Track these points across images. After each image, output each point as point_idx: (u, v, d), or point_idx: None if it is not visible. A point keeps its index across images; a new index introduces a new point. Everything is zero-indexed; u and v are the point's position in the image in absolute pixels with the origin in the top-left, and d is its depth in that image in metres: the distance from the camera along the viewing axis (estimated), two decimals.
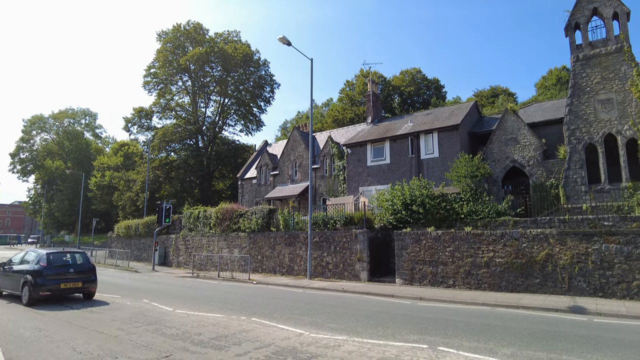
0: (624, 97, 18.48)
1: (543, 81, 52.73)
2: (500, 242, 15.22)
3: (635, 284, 12.87)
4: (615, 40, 19.07)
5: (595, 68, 19.40)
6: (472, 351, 6.89)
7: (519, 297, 13.69)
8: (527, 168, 21.24)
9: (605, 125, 18.84)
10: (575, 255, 13.91)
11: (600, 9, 19.61)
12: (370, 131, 29.42)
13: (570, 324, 9.76)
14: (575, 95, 19.70)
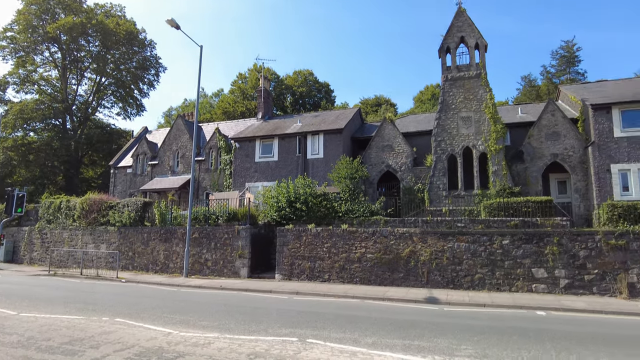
0: (480, 117, 21.48)
1: (420, 95, 58.39)
2: (372, 239, 16.47)
3: (478, 277, 15.04)
4: (476, 67, 22.06)
5: (460, 89, 22.16)
6: (338, 342, 7.34)
7: (386, 290, 14.97)
8: (399, 173, 23.35)
9: (465, 140, 21.65)
10: (433, 252, 15.72)
11: (466, 38, 22.48)
12: (260, 127, 29.34)
13: (425, 313, 10.99)
14: (443, 110, 22.25)
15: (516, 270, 14.71)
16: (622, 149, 19.37)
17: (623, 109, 19.66)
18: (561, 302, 12.60)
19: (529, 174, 21.09)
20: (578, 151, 20.72)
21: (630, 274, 13.66)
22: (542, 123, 21.33)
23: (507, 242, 14.94)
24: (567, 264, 14.25)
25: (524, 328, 8.89)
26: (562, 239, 14.45)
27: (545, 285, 14.33)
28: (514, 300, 13.00)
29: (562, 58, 46.53)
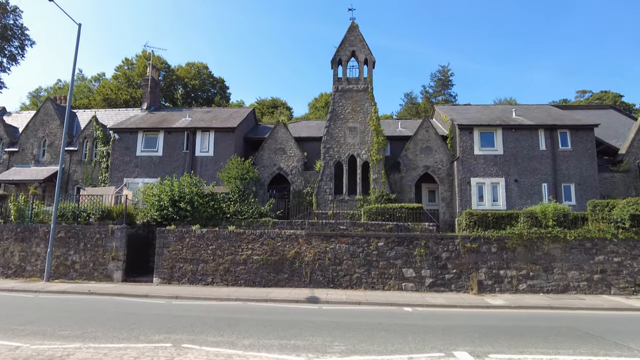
0: (365, 128, 23.02)
1: (315, 102, 60.16)
2: (259, 240, 16.53)
3: (356, 276, 16.06)
4: (364, 81, 23.61)
5: (349, 100, 23.47)
6: (215, 345, 7.24)
7: (270, 291, 15.13)
8: (290, 176, 23.83)
9: (351, 148, 22.98)
10: (317, 253, 16.36)
11: (357, 53, 23.93)
12: (144, 118, 27.37)
13: (305, 312, 11.39)
14: (332, 119, 23.32)
15: (389, 270, 16.07)
16: (479, 165, 22.47)
17: (482, 130, 22.85)
18: (425, 299, 14.13)
19: (404, 182, 23.21)
20: (446, 165, 23.44)
21: (479, 272, 15.90)
22: (418, 138, 23.70)
23: (382, 244, 16.26)
24: (432, 265, 16.02)
25: (391, 324, 9.77)
26: (429, 242, 16.22)
27: (413, 284, 15.91)
28: (386, 298, 14.17)
29: (438, 80, 52.27)
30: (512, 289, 15.71)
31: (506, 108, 27.86)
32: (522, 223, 16.63)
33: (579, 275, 15.78)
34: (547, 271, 15.86)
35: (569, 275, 15.79)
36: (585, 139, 22.90)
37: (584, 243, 16.05)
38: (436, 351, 7.03)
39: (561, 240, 16.05)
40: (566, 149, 22.70)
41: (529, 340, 8.07)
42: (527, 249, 16.01)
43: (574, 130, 22.99)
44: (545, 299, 14.38)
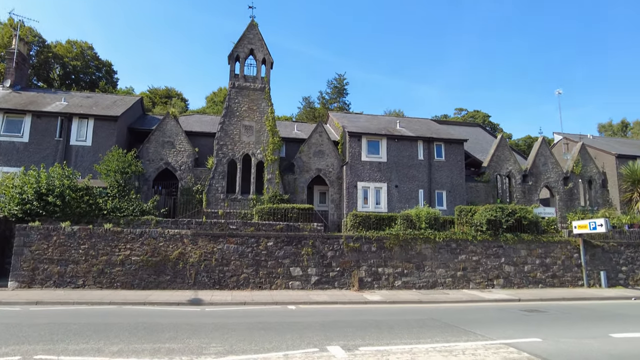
0: (261, 127, 22.97)
1: (213, 96, 58.13)
2: (139, 240, 15.45)
3: (243, 277, 15.92)
4: (262, 80, 23.55)
5: (246, 98, 23.20)
6: (77, 354, 6.58)
7: (149, 293, 14.22)
8: (179, 172, 22.70)
9: (245, 147, 22.72)
10: (203, 254, 15.85)
11: (255, 52, 23.78)
12: (6, 97, 23.73)
13: (185, 314, 10.94)
14: (227, 116, 22.81)
15: (277, 270, 16.25)
16: (365, 170, 23.94)
17: (369, 139, 24.39)
18: (310, 297, 14.58)
19: (297, 184, 23.69)
20: (336, 168, 24.49)
21: (360, 270, 16.92)
22: (312, 141, 24.39)
23: (272, 244, 16.39)
24: (318, 263, 16.61)
25: (273, 322, 9.89)
26: (316, 241, 16.79)
27: (300, 282, 16.31)
28: (272, 297, 14.30)
29: (334, 88, 54.42)
30: (389, 286, 17.03)
31: (392, 119, 30.14)
32: (399, 225, 18.13)
33: (445, 273, 17.72)
34: (419, 269, 17.52)
35: (437, 273, 17.64)
36: (457, 151, 25.85)
37: (450, 244, 18.09)
38: (311, 347, 7.31)
39: (432, 241, 17.87)
40: (440, 160, 25.36)
41: (397, 332, 8.83)
42: (403, 248, 17.51)
43: (447, 143, 25.78)
44: (417, 294, 15.86)
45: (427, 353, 6.99)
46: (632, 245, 20.15)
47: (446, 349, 7.29)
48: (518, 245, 18.64)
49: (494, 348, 7.41)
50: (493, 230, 18.54)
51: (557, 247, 19.06)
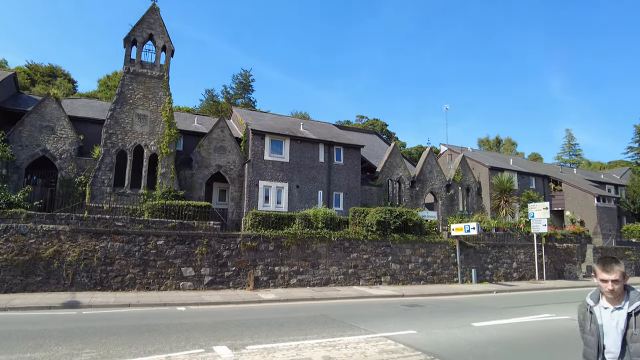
0: (156, 117, 21.63)
1: (107, 80, 53.13)
2: (3, 236, 13.53)
3: (129, 277, 14.84)
4: (160, 68, 22.20)
5: (141, 85, 21.65)
6: None
7: (14, 297, 12.52)
8: (59, 161, 20.35)
9: (138, 137, 21.19)
10: (83, 252, 14.42)
11: (155, 37, 22.34)
12: None
13: (58, 319, 9.84)
14: (119, 102, 21.06)
15: (167, 270, 15.45)
16: (268, 169, 23.95)
17: (273, 138, 24.45)
18: (202, 297, 14.11)
19: (195, 180, 22.78)
20: (238, 166, 24.10)
21: (257, 269, 16.87)
22: (213, 136, 23.66)
23: (162, 243, 15.54)
24: (212, 263, 16.16)
25: (159, 324, 9.38)
26: (211, 240, 16.32)
27: (192, 283, 15.70)
28: (160, 298, 13.54)
29: (240, 83, 53.45)
30: (284, 284, 17.25)
31: (296, 121, 30.61)
32: (298, 224, 18.48)
33: (338, 270, 18.49)
34: (314, 267, 18.03)
35: (331, 270, 18.33)
36: (354, 156, 27.17)
37: (344, 243, 18.93)
38: (197, 347, 7.11)
39: (327, 240, 18.52)
40: (339, 163, 26.43)
41: (286, 329, 8.99)
42: (300, 247, 17.88)
43: (346, 148, 26.96)
44: (310, 292, 16.30)
45: (312, 348, 7.24)
46: (497, 246, 23.14)
47: (330, 343, 7.64)
48: (404, 245, 20.21)
49: (374, 341, 7.96)
50: (382, 231, 19.83)
51: (438, 247, 21.09)
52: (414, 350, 7.34)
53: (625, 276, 3.09)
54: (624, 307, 3.06)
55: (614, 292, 3.06)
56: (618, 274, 3.04)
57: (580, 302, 3.39)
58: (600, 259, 3.20)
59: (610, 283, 3.04)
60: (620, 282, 3.05)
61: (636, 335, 2.96)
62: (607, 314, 3.13)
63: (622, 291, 3.09)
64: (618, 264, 3.07)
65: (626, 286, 3.13)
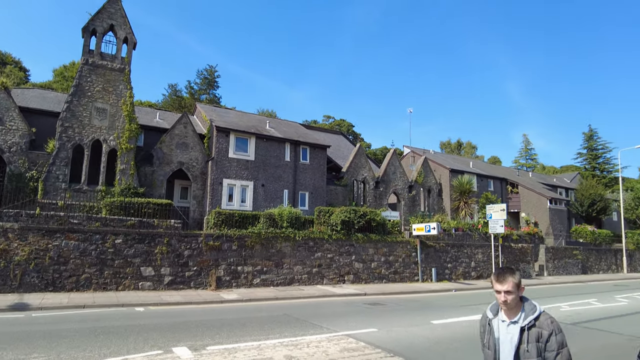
0: (116, 112, 20.83)
1: (64, 70, 50.60)
2: None
3: (84, 277, 14.24)
4: (122, 61, 21.39)
5: (101, 77, 20.77)
6: None
7: None
8: (8, 154, 19.22)
9: (96, 132, 20.34)
10: (34, 251, 13.71)
11: (117, 28, 21.49)
12: None
13: (4, 322, 9.31)
14: (77, 94, 20.12)
15: (126, 269, 14.94)
16: (232, 167, 23.60)
17: (238, 135, 24.11)
18: (161, 297, 13.74)
19: (156, 177, 22.13)
20: (201, 163, 23.61)
21: (219, 269, 16.61)
22: (175, 132, 23.05)
23: (121, 242, 15.01)
24: (173, 262, 15.77)
25: (116, 326, 9.06)
26: (172, 239, 15.92)
27: (152, 283, 15.26)
28: (118, 299, 13.08)
29: (204, 79, 52.40)
30: (248, 284, 17.08)
31: (262, 119, 30.35)
32: (262, 223, 18.35)
33: (302, 269, 18.51)
34: (278, 266, 17.95)
35: (295, 270, 18.32)
36: (320, 156, 27.25)
37: (309, 242, 18.96)
38: (156, 349, 6.93)
39: (292, 239, 18.49)
40: (305, 163, 26.43)
41: (248, 329, 8.91)
42: (264, 246, 17.75)
43: (313, 147, 27.00)
44: (274, 291, 16.22)
45: (274, 348, 7.22)
46: (456, 246, 23.88)
47: (293, 343, 7.64)
48: (367, 244, 20.49)
49: (336, 340, 8.03)
50: (346, 230, 20.02)
51: (400, 247, 21.52)
52: (375, 348, 7.46)
53: (519, 287, 2.92)
54: (518, 320, 2.89)
55: (507, 303, 2.89)
56: (510, 285, 2.87)
57: (488, 304, 3.43)
58: (497, 269, 3.07)
59: (503, 294, 2.88)
60: (514, 294, 2.88)
61: (528, 353, 2.78)
62: (503, 328, 2.96)
63: (517, 303, 2.92)
64: (512, 275, 2.90)
65: (522, 298, 2.97)
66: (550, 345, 2.76)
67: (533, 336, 2.80)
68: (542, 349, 2.77)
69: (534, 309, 2.89)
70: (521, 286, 2.93)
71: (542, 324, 2.83)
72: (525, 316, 2.87)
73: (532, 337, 2.80)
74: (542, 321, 2.84)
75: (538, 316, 2.86)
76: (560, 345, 2.76)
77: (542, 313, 2.88)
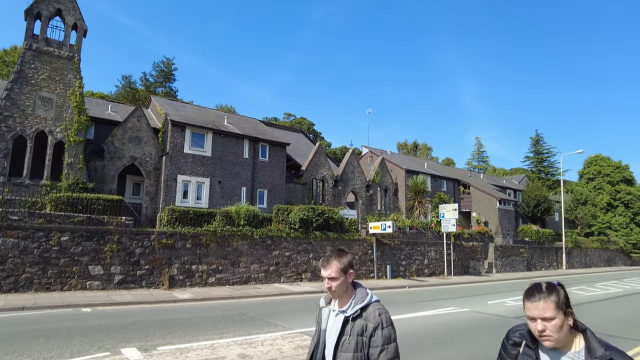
0: (64, 102, 19.70)
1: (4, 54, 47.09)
2: None
3: (25, 277, 13.37)
4: (70, 48, 20.24)
5: (46, 65, 19.57)
6: None
7: None
8: None
9: (41, 122, 19.15)
10: None
11: (65, 14, 20.31)
12: None
13: None
14: (18, 82, 18.84)
15: (72, 268, 14.18)
16: (188, 163, 22.99)
17: (194, 130, 23.51)
18: (111, 297, 13.17)
19: (107, 172, 21.15)
20: (154, 158, 22.81)
21: (172, 268, 16.14)
22: (128, 125, 22.13)
23: (67, 239, 14.23)
24: (124, 261, 15.15)
25: (59, 328, 8.59)
26: (123, 237, 15.29)
27: (100, 282, 14.59)
28: (62, 299, 12.41)
29: (161, 71, 50.65)
30: (202, 283, 16.71)
31: (220, 114, 29.76)
32: (218, 221, 18.00)
33: (259, 268, 18.35)
34: (234, 265, 17.69)
35: (252, 268, 18.13)
36: (280, 154, 27.12)
37: (266, 240, 18.82)
38: (103, 351, 6.63)
39: (249, 237, 18.28)
40: (264, 160, 26.21)
41: (201, 329, 8.72)
42: (220, 245, 17.43)
43: (272, 145, 26.82)
44: (229, 290, 15.97)
45: (228, 347, 7.11)
46: (410, 244, 24.55)
47: (247, 341, 7.56)
48: (325, 242, 20.62)
49: (291, 337, 8.03)
50: (305, 229, 20.06)
51: (356, 244, 21.83)
52: None
53: (348, 272, 2.49)
54: (347, 310, 2.46)
55: (333, 291, 2.48)
56: (335, 270, 2.46)
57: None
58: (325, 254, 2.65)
59: (327, 280, 2.47)
60: (339, 279, 2.45)
61: (348, 344, 2.40)
62: (332, 318, 2.58)
63: (346, 290, 2.50)
64: (339, 259, 2.49)
65: (355, 284, 2.58)
66: (375, 340, 2.37)
67: (357, 328, 2.41)
68: (365, 344, 2.39)
69: (364, 298, 2.47)
70: (350, 271, 2.50)
71: (368, 316, 2.42)
72: (354, 305, 2.46)
73: (356, 329, 2.41)
74: (370, 312, 2.43)
75: (366, 306, 2.45)
76: (386, 341, 2.36)
77: (372, 303, 2.47)
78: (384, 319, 2.41)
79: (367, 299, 2.47)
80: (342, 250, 2.57)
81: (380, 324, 2.38)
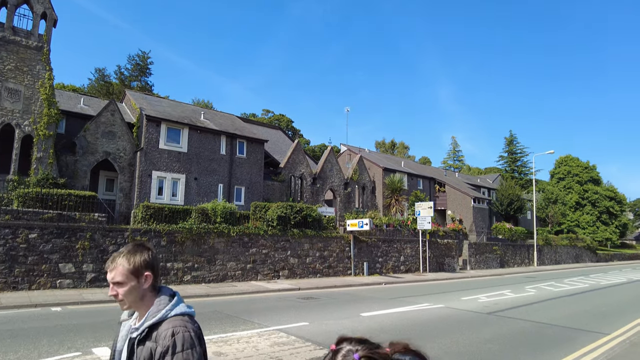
0: (33, 94, 19.03)
1: None
2: None
3: None
4: (39, 38, 19.54)
5: (13, 55, 18.83)
6: None
7: None
8: None
9: (7, 115, 18.44)
10: None
11: (33, 2, 19.57)
12: None
13: None
14: None
15: (41, 267, 13.75)
16: (163, 159, 22.57)
17: (169, 126, 23.08)
18: (83, 296, 12.84)
19: (79, 167, 20.55)
20: (129, 154, 22.30)
21: None
22: (101, 120, 21.54)
23: (36, 236, 13.78)
24: (97, 258, 14.78)
25: (26, 328, 8.32)
26: (96, 234, 14.92)
27: (72, 280, 14.20)
28: (30, 299, 12.02)
29: (136, 65, 49.48)
30: (177, 281, 16.46)
31: (197, 109, 29.33)
32: (194, 218, 17.76)
33: (236, 265, 18.21)
34: (210, 263, 17.50)
35: (228, 266, 17.97)
36: (258, 150, 26.94)
37: (243, 238, 18.69)
38: (73, 351, 6.47)
39: (226, 235, 18.11)
40: (242, 157, 25.99)
41: None
42: (196, 242, 17.21)
43: (250, 141, 26.61)
44: (206, 288, 15.80)
45: None
46: (387, 241, 24.82)
47: (222, 339, 7.51)
48: (303, 239, 20.63)
49: (267, 334, 8.02)
50: (283, 226, 20.01)
51: (334, 242, 21.93)
52: (305, 341, 7.56)
53: (142, 275, 1.77)
54: (140, 326, 1.75)
55: (120, 300, 1.78)
56: (120, 273, 1.74)
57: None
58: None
59: (112, 287, 1.77)
60: (128, 285, 1.74)
61: None
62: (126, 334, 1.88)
63: (141, 300, 1.79)
64: (128, 257, 1.78)
65: (161, 289, 1.87)
66: None
67: (145, 354, 1.70)
68: None
69: (159, 311, 1.75)
70: (146, 273, 1.79)
71: (159, 336, 1.70)
72: (143, 322, 1.75)
73: (144, 355, 1.70)
74: (161, 332, 1.70)
75: (159, 322, 1.73)
76: None
77: (168, 319, 1.74)
78: (179, 341, 1.67)
79: (162, 313, 1.74)
80: (139, 246, 1.85)
81: (170, 347, 1.65)
